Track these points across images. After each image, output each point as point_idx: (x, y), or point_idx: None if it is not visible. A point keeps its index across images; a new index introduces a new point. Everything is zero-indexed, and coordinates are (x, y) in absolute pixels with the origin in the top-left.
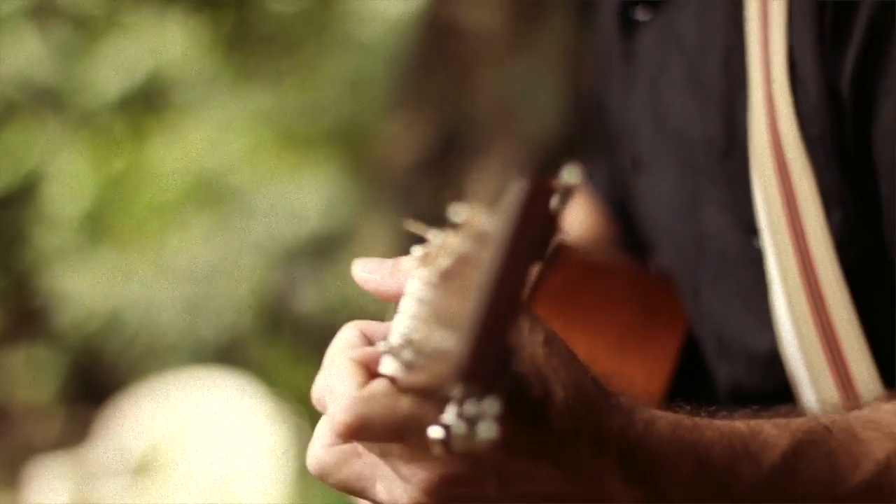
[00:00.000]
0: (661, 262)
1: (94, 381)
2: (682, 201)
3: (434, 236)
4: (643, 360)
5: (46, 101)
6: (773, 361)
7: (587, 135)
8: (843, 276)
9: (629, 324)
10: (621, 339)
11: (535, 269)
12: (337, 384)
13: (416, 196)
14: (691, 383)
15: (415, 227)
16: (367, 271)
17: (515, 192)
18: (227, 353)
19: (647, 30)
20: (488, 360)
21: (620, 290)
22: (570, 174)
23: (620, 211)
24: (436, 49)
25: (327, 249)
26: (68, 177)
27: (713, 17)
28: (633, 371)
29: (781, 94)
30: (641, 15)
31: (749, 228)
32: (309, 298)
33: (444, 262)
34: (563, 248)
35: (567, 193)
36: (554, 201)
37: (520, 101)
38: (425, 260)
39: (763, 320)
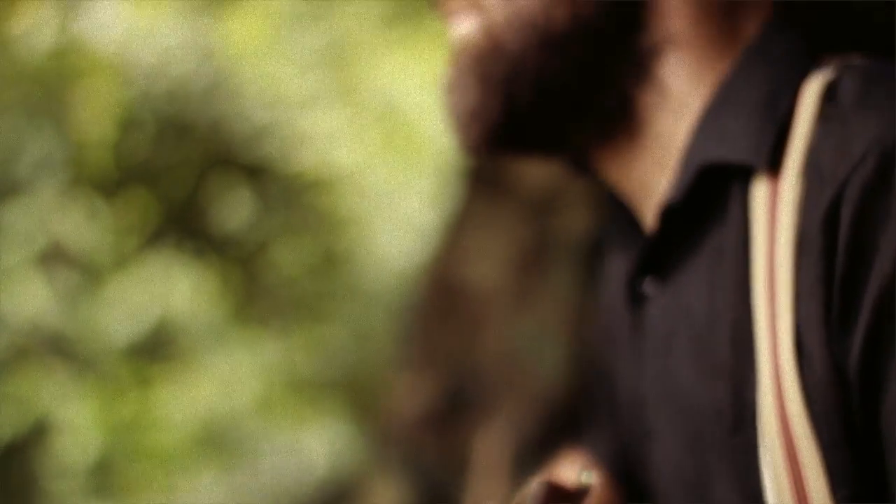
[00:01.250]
0: None
1: None
2: (689, 474)
3: None
4: None
5: (53, 347)
6: None
7: (589, 405)
8: None
9: None
10: None
11: None
12: None
13: (422, 450)
14: None
15: None
16: None
17: (535, 494)
18: None
19: (655, 303)
20: None
21: None
22: (587, 477)
23: (624, 481)
24: (441, 304)
25: (334, 501)
26: (75, 425)
27: (722, 292)
28: None
29: (788, 371)
30: (650, 289)
31: None
32: None
33: None
34: None
35: (584, 496)
36: None
37: (525, 358)
38: None
39: None
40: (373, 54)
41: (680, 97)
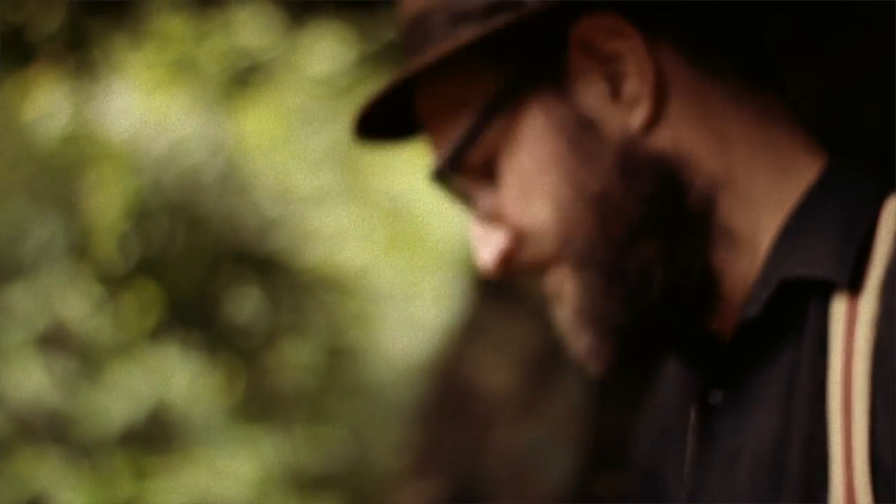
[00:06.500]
0: None
1: None
2: None
3: None
4: None
5: (51, 429)
6: None
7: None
8: None
9: None
10: None
11: None
12: None
13: None
14: None
15: None
16: None
17: None
18: None
19: (723, 414)
20: None
21: None
22: None
23: None
24: (449, 406)
25: None
26: None
27: (796, 405)
28: None
29: (861, 488)
30: (718, 400)
31: None
32: None
33: None
34: None
35: None
36: None
37: (532, 462)
38: None
39: None
40: (381, 154)
41: (747, 237)
